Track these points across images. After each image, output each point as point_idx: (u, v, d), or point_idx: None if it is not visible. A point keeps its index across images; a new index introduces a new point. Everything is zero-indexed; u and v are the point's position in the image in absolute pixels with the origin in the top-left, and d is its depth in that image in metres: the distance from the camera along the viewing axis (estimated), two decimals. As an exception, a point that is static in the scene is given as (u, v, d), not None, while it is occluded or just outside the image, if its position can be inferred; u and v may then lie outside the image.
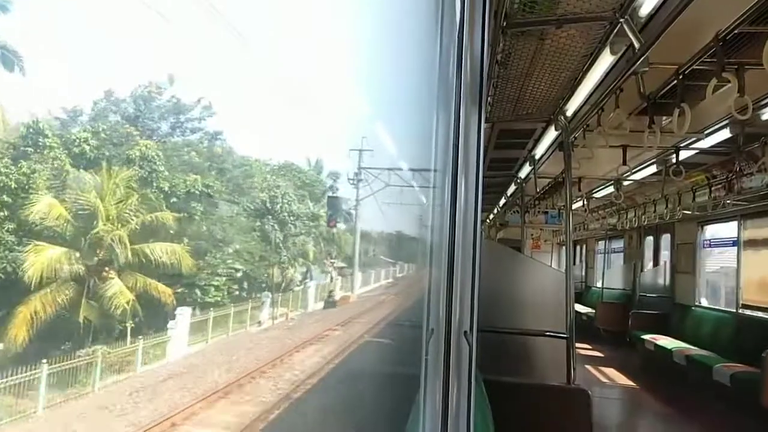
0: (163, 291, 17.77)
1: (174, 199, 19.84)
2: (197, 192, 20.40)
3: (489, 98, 3.78)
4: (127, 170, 18.21)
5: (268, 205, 25.45)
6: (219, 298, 20.46)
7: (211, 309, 18.47)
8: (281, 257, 25.36)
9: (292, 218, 25.84)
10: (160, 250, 17.96)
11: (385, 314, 21.03)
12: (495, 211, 12.55)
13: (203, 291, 20.32)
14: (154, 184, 19.29)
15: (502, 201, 10.75)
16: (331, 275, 27.13)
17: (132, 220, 17.83)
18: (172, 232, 19.17)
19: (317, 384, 11.91)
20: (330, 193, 29.37)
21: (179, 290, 18.99)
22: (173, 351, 15.38)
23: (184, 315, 16.39)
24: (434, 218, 1.55)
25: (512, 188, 8.73)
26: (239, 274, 22.49)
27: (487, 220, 13.88)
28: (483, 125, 1.31)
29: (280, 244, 25.43)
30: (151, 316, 17.12)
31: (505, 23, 2.59)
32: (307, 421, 10.13)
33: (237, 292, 21.71)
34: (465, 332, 1.21)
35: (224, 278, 21.38)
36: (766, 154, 5.38)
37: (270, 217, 25.27)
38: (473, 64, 1.29)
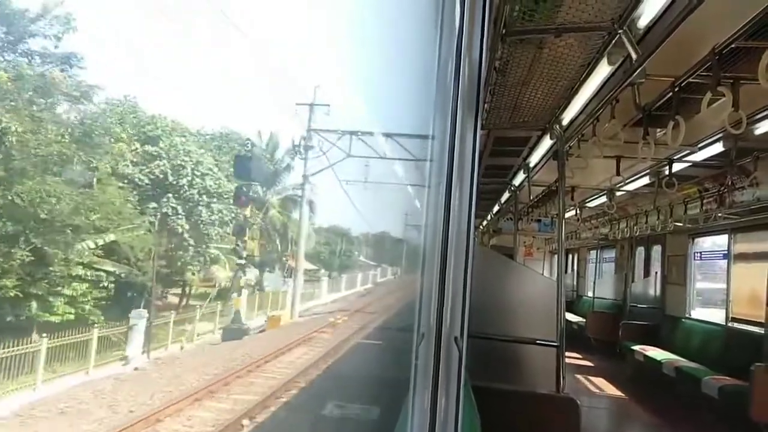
0: None
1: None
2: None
3: (486, 105, 3.80)
4: None
5: (170, 178, 16.87)
6: (72, 316, 13.11)
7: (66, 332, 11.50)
8: (187, 255, 17.21)
9: (207, 199, 17.69)
10: None
11: (336, 351, 13.25)
12: (488, 217, 12.58)
13: (44, 305, 12.83)
14: None
15: (496, 208, 10.78)
16: (241, 285, 18.46)
17: None
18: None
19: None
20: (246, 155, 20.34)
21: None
22: None
23: None
24: (427, 222, 1.55)
25: (506, 195, 8.77)
26: (113, 279, 14.75)
27: (481, 227, 13.91)
28: (479, 132, 1.31)
29: (186, 236, 17.09)
30: None
31: (504, 31, 2.60)
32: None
33: (108, 306, 14.25)
34: (455, 338, 1.21)
35: (85, 285, 13.79)
36: (758, 169, 5.43)
37: (171, 195, 16.84)
38: (471, 70, 1.29)
